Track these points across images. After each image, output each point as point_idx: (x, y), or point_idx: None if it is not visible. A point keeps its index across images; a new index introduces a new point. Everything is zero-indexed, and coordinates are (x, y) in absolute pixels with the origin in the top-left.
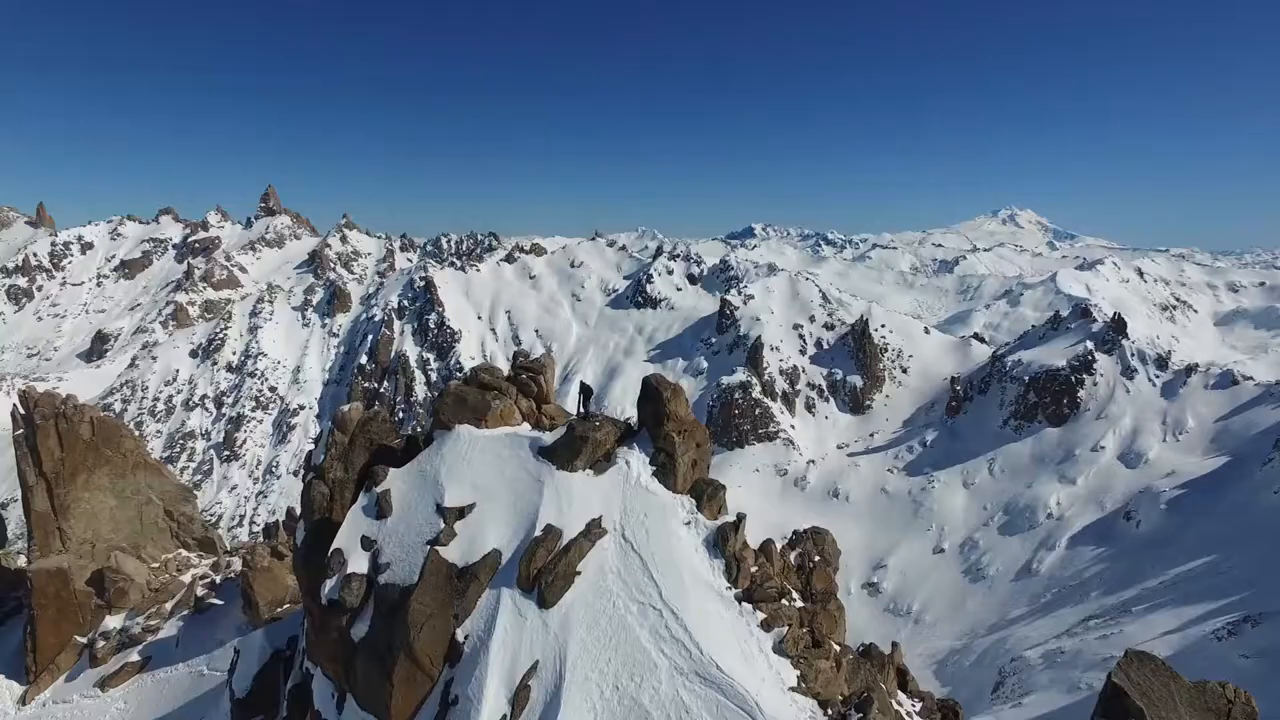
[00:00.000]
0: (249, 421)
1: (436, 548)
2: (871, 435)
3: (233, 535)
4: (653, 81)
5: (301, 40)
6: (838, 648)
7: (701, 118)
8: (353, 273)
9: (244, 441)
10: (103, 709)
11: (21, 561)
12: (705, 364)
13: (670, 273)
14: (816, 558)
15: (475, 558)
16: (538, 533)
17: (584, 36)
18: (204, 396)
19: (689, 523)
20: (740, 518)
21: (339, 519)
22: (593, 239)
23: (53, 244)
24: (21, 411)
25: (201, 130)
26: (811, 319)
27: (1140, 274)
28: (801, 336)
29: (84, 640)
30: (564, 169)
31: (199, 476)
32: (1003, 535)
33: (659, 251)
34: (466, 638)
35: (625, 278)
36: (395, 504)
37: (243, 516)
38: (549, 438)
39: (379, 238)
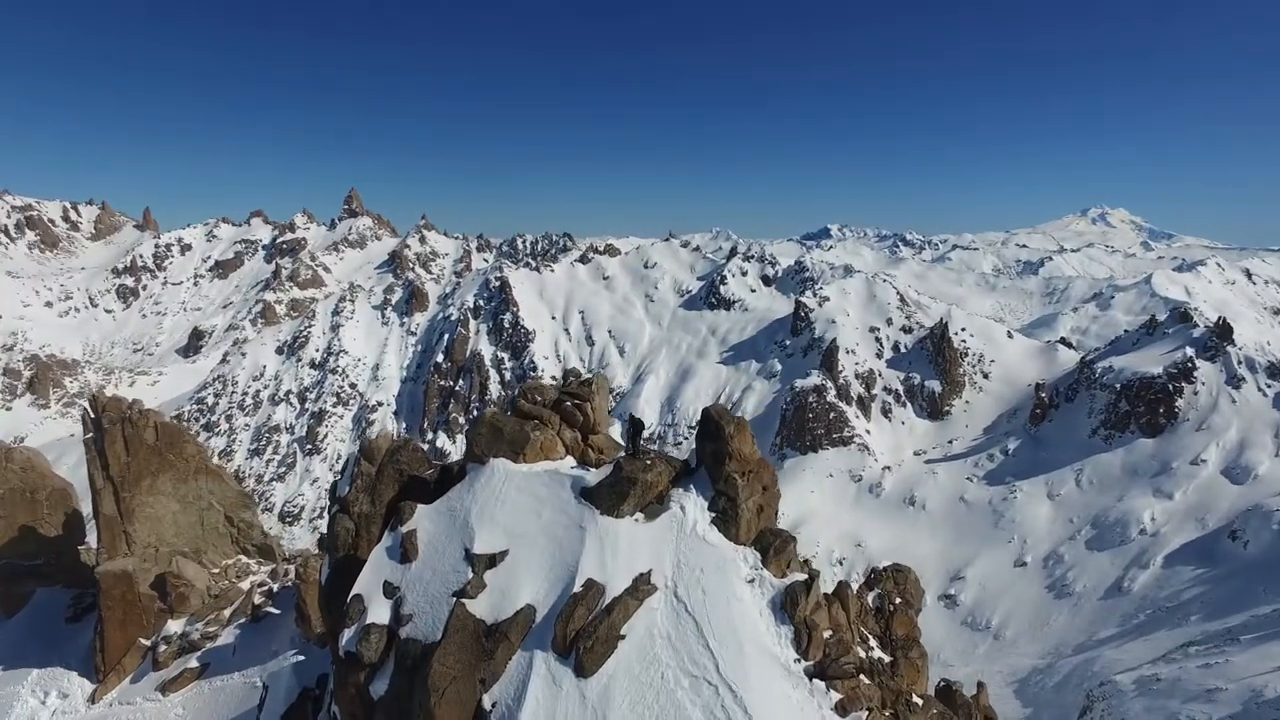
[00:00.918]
0: (330, 417)
1: (463, 600)
2: (950, 442)
3: (313, 527)
4: (730, 85)
5: (385, 53)
6: (919, 700)
7: (780, 120)
8: (430, 273)
9: (325, 436)
10: (163, 713)
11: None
12: (779, 366)
13: (744, 274)
14: (898, 600)
15: (506, 614)
16: (577, 588)
17: (661, 42)
18: (289, 392)
19: (752, 581)
20: (812, 576)
21: (364, 556)
22: (666, 240)
23: (156, 246)
24: (91, 416)
25: (291, 135)
26: (888, 322)
27: (1248, 275)
28: (878, 339)
29: (148, 643)
30: (640, 171)
31: (283, 469)
32: (1091, 550)
33: (733, 252)
34: (494, 706)
35: (699, 279)
36: (422, 546)
37: (323, 509)
38: (593, 477)
39: (456, 238)
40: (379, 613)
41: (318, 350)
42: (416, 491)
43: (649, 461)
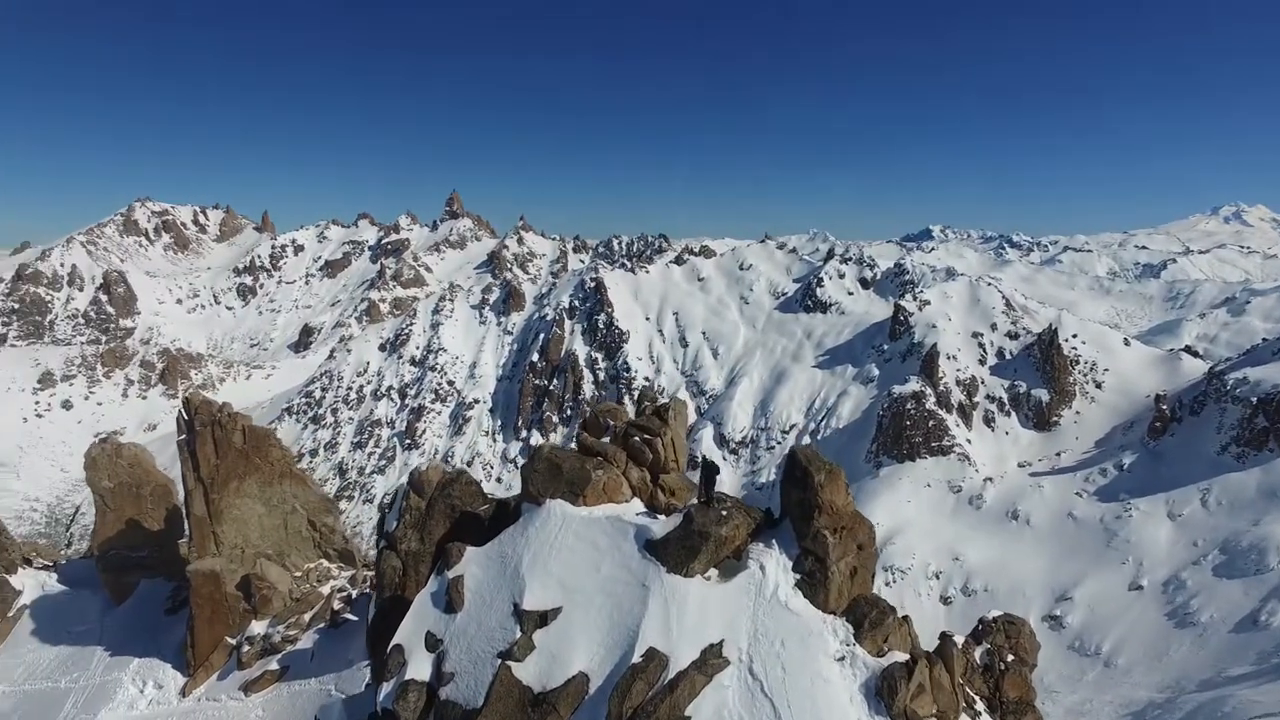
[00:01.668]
0: (429, 413)
1: (509, 663)
2: (1058, 454)
3: None
4: (827, 86)
5: (488, 60)
6: None
7: (879, 124)
8: (527, 273)
9: (424, 431)
10: (244, 714)
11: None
12: (876, 371)
13: (841, 276)
14: (1009, 657)
15: (556, 682)
16: (637, 657)
17: (756, 45)
18: (390, 388)
19: (843, 659)
20: (915, 657)
21: (410, 597)
22: (762, 241)
23: (272, 247)
24: (184, 417)
25: (396, 138)
26: (993, 327)
27: None
28: (981, 345)
29: (233, 642)
30: (737, 173)
31: (383, 462)
32: (1219, 578)
33: (830, 254)
34: None
35: (794, 281)
36: (468, 595)
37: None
38: (660, 527)
39: (553, 239)
40: (419, 667)
41: (418, 348)
42: (469, 530)
43: (724, 513)
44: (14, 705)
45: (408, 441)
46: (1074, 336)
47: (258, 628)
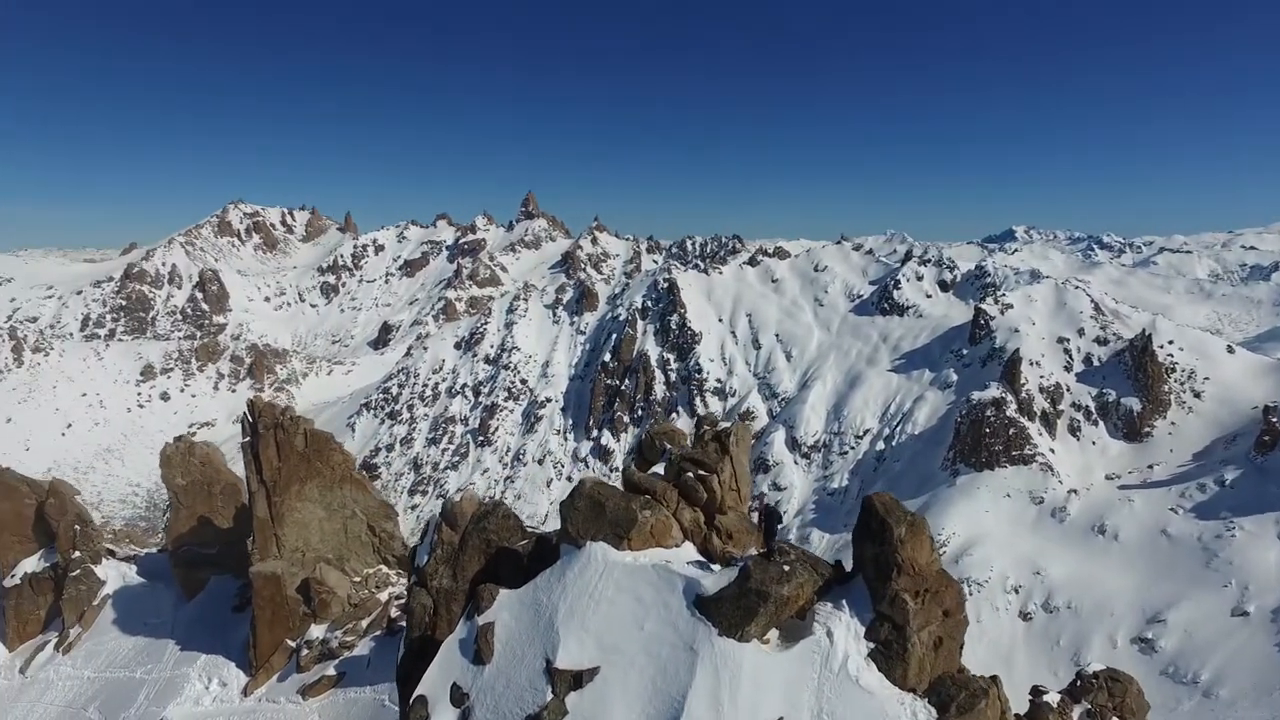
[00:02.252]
0: (501, 410)
1: None
2: (1150, 467)
3: None
4: (904, 85)
5: (563, 62)
6: None
7: (960, 120)
8: (601, 273)
9: (496, 429)
10: (301, 718)
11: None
12: (954, 377)
13: (919, 278)
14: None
15: None
16: None
17: (837, 45)
18: (464, 385)
19: None
20: None
21: (442, 638)
22: (838, 243)
23: (354, 247)
24: (249, 420)
25: (473, 139)
26: (1080, 332)
27: None
28: (1067, 351)
29: (293, 644)
30: (812, 173)
31: (456, 458)
32: None
33: (908, 256)
34: None
35: (871, 283)
36: (498, 646)
37: (491, 498)
38: (712, 581)
39: (627, 240)
40: None
41: (492, 346)
42: (505, 567)
43: (786, 568)
44: (96, 691)
45: (480, 438)
46: (1170, 343)
47: (316, 631)
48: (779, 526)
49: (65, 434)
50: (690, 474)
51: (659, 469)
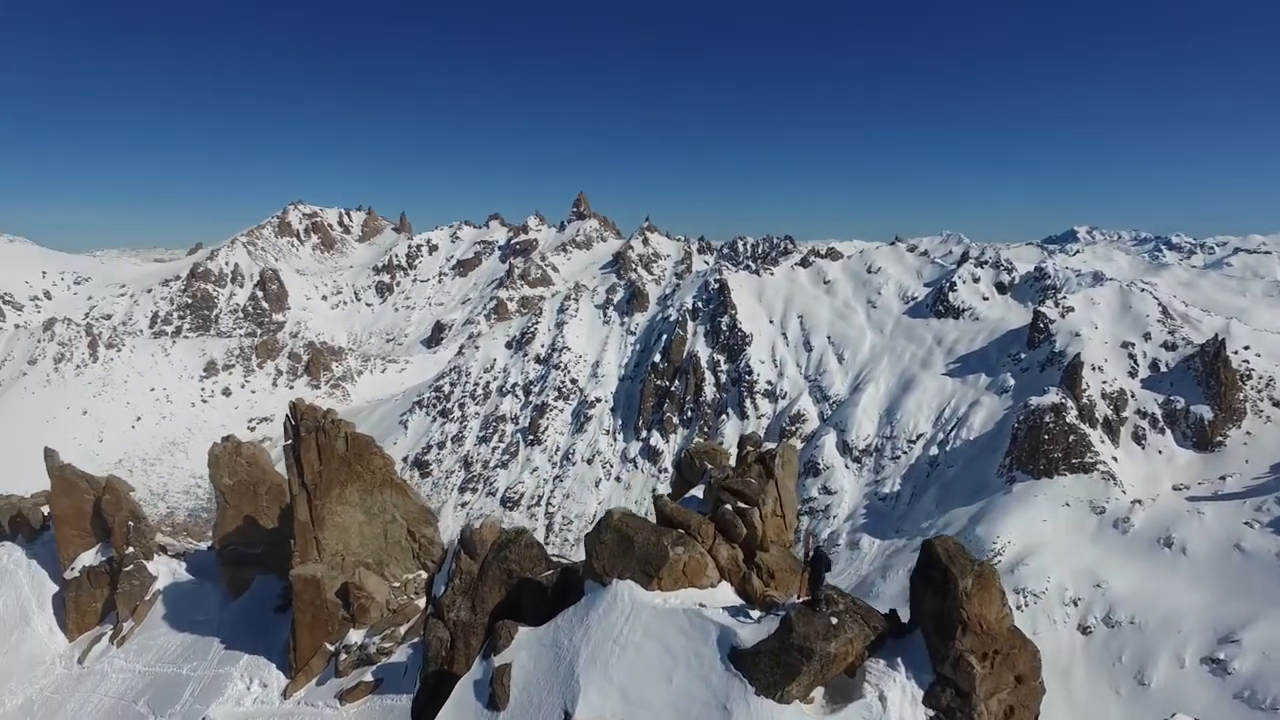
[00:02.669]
0: (551, 410)
1: None
2: (1223, 479)
3: (530, 514)
4: (959, 82)
5: (613, 64)
6: None
7: (1021, 122)
8: (652, 273)
9: (546, 428)
10: None
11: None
12: (1011, 381)
13: (976, 280)
14: None
15: None
16: None
17: (889, 42)
18: (515, 384)
19: None
20: None
21: (460, 673)
22: (892, 244)
23: (409, 247)
24: (291, 422)
25: (525, 141)
26: (1146, 336)
27: None
28: (1132, 356)
29: (332, 649)
30: (866, 173)
31: (506, 457)
32: None
33: (964, 257)
34: None
35: (925, 285)
36: (514, 692)
37: (540, 497)
38: (750, 631)
39: (678, 240)
40: None
41: (543, 346)
42: (527, 599)
43: (834, 620)
44: (146, 685)
45: (530, 437)
46: (1246, 348)
47: (355, 636)
48: (829, 570)
49: (135, 426)
50: (729, 506)
51: (698, 491)
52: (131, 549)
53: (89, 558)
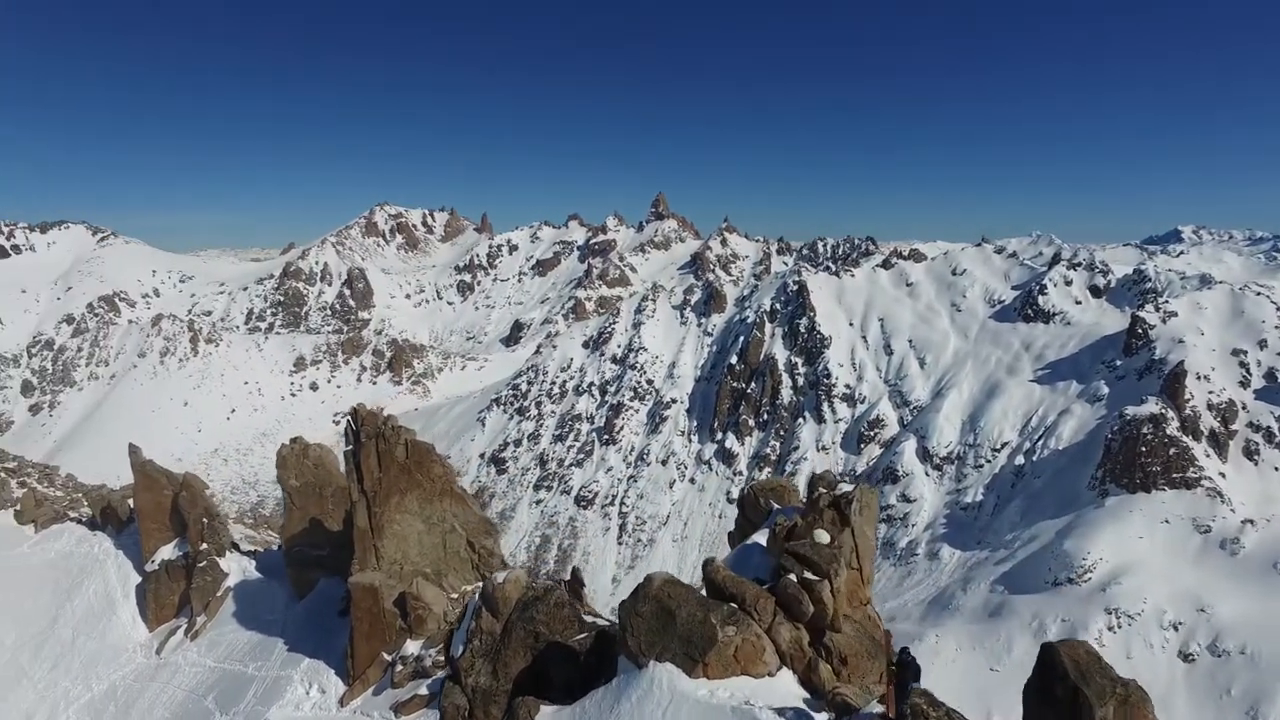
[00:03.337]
0: (627, 410)
1: None
2: None
3: (604, 514)
4: (1053, 76)
5: (693, 64)
6: None
7: (1117, 117)
8: (730, 274)
9: (621, 428)
10: None
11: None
12: (1105, 390)
13: (1068, 283)
14: None
15: None
16: None
17: (978, 32)
18: (591, 384)
19: None
20: None
21: None
22: (978, 245)
23: (489, 247)
24: (351, 427)
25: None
26: (1261, 344)
27: None
28: (1244, 365)
29: (389, 658)
30: (951, 172)
31: (581, 456)
32: None
33: (1055, 259)
34: None
35: (1013, 288)
36: None
37: (614, 497)
38: None
39: (756, 241)
40: None
41: (619, 346)
42: (555, 666)
43: None
44: (215, 682)
45: (605, 437)
46: None
47: (412, 648)
48: (916, 680)
49: (229, 418)
50: (794, 576)
51: (761, 537)
52: (205, 545)
53: (167, 552)
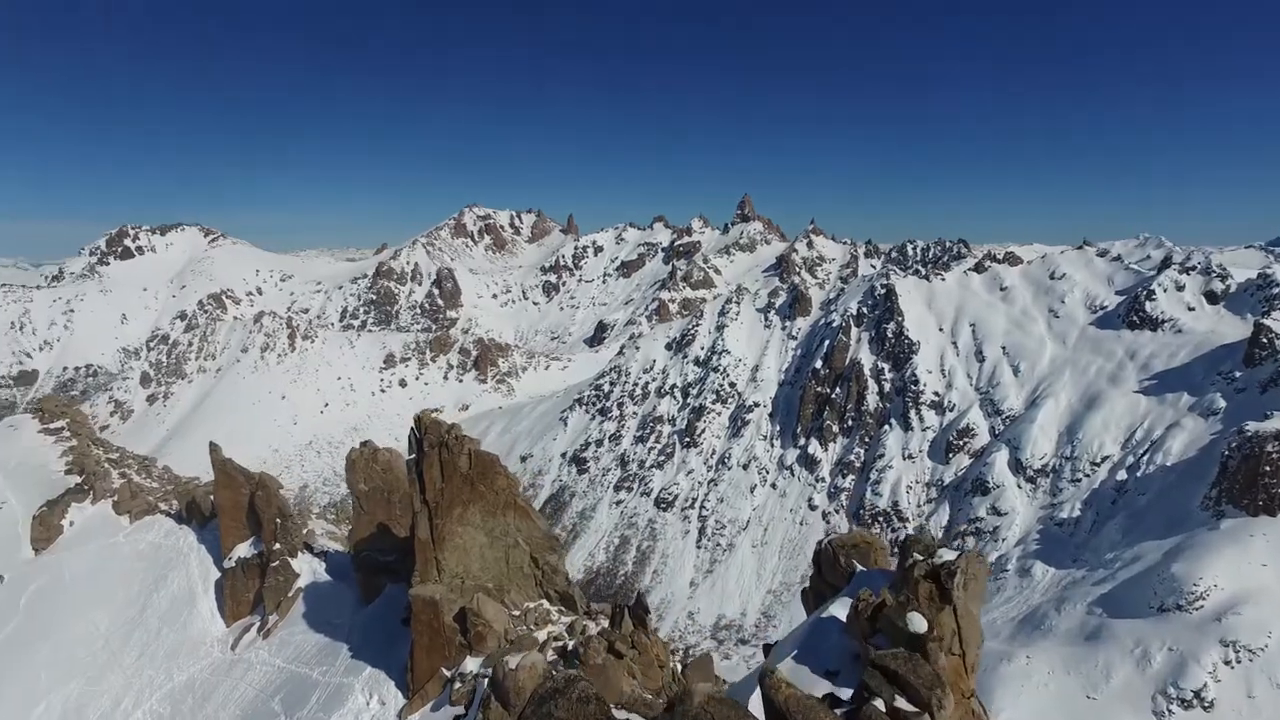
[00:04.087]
0: (708, 413)
1: None
2: None
3: (684, 516)
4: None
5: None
6: None
7: (1230, 102)
8: (815, 278)
9: (703, 431)
10: None
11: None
12: (1221, 403)
13: (1180, 288)
14: None
15: None
16: None
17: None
18: (673, 386)
19: None
20: None
21: None
22: (1079, 248)
23: (575, 248)
24: (415, 436)
25: (691, 143)
26: None
27: None
28: None
29: (448, 674)
30: (1049, 172)
31: (662, 458)
32: None
33: (1166, 262)
34: None
35: (1117, 293)
36: None
37: (694, 500)
38: None
39: (844, 244)
40: None
41: (702, 348)
42: None
43: None
44: (282, 683)
45: (687, 440)
46: None
47: (471, 665)
48: None
49: (323, 412)
50: (881, 700)
51: (839, 610)
52: (278, 545)
53: (244, 549)
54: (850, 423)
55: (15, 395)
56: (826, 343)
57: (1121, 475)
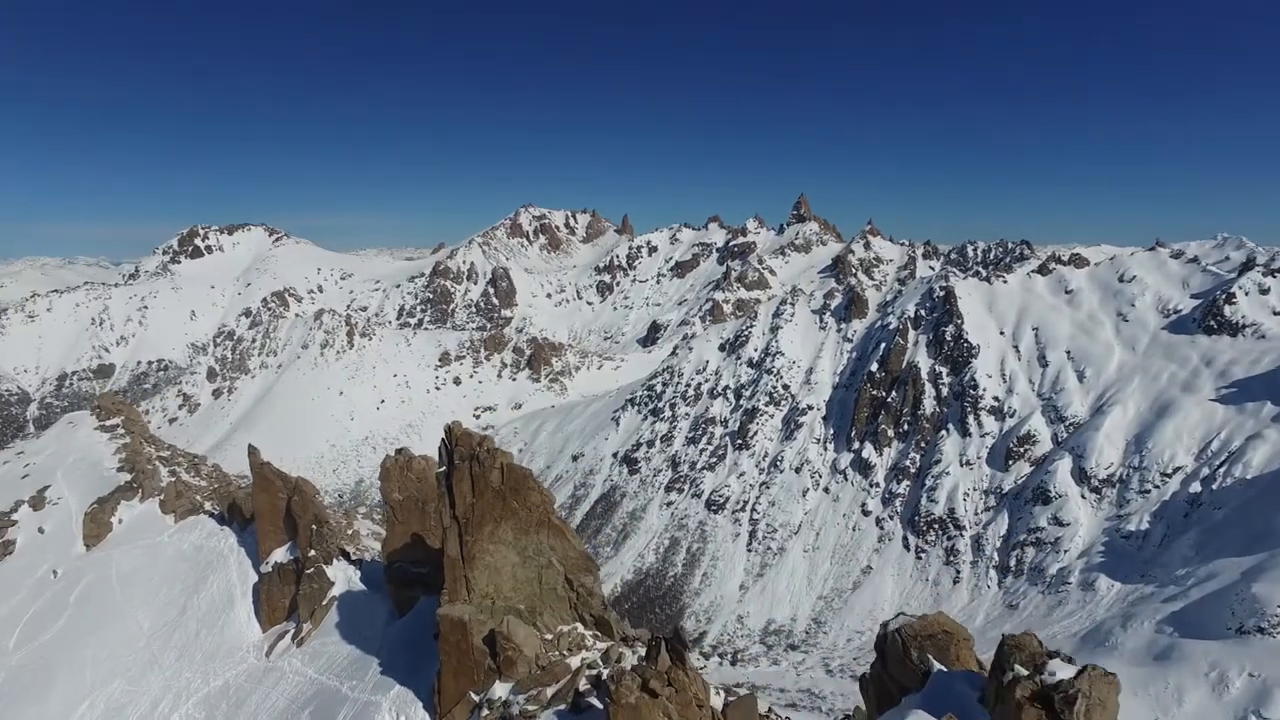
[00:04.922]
0: (761, 415)
1: None
2: None
3: (734, 519)
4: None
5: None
6: None
7: None
8: (872, 279)
9: (755, 433)
10: None
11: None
12: None
13: (1263, 291)
14: None
15: None
16: None
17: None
18: (726, 387)
19: None
20: None
21: None
22: (1151, 249)
23: (629, 248)
24: (446, 447)
25: (747, 144)
26: None
27: None
28: None
29: (476, 699)
30: (1117, 168)
31: (713, 459)
32: None
33: (1248, 264)
34: None
35: (1193, 296)
36: None
37: (745, 503)
38: None
39: (901, 245)
40: None
41: (756, 350)
42: None
43: None
44: (312, 695)
45: (739, 442)
46: None
47: (499, 691)
48: None
49: (379, 408)
50: None
51: (912, 697)
52: (314, 552)
53: (280, 554)
54: (906, 427)
55: (95, 388)
56: (883, 345)
57: (1195, 488)
